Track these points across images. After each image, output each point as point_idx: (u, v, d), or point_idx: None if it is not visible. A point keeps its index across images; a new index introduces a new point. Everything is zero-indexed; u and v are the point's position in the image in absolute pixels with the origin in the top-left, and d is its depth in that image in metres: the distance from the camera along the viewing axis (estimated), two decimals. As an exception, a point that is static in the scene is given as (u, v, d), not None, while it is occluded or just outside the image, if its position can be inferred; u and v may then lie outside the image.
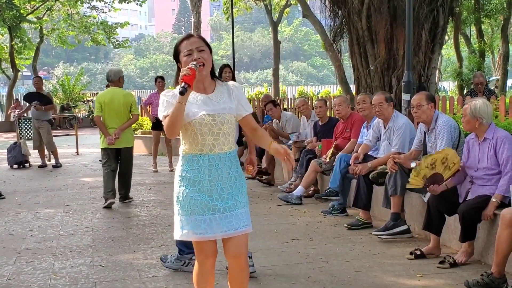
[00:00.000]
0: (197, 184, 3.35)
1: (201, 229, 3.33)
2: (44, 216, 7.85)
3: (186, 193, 3.36)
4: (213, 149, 3.36)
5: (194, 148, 3.37)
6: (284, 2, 26.74)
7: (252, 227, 3.46)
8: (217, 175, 3.36)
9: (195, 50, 3.35)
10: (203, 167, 3.36)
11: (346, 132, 7.97)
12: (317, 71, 78.75)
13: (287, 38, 77.54)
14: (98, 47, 58.50)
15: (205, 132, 3.33)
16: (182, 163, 3.41)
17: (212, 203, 3.35)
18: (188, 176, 3.37)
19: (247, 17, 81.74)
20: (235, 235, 3.37)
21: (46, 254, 5.89)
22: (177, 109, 3.20)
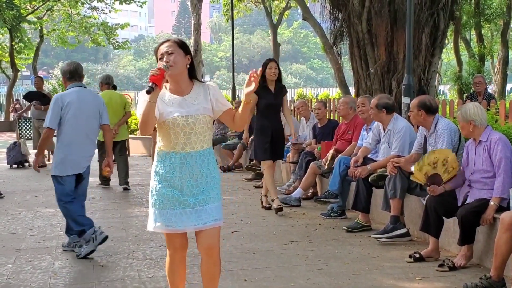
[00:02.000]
0: (169, 180, 3.55)
1: (172, 222, 3.54)
2: (43, 215, 7.86)
3: (159, 188, 3.56)
4: (185, 147, 3.54)
5: (167, 146, 3.56)
6: (284, 4, 26.76)
7: (222, 221, 3.63)
8: (188, 172, 3.54)
9: (165, 54, 3.51)
10: (175, 164, 3.54)
11: (347, 134, 7.97)
12: (316, 73, 78.80)
13: (286, 40, 77.57)
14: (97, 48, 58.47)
15: (177, 131, 3.51)
16: (157, 159, 3.62)
17: (182, 198, 3.53)
18: (161, 172, 3.57)
19: (247, 19, 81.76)
20: (204, 228, 3.55)
21: (45, 254, 5.89)
22: (147, 107, 3.39)
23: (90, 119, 5.88)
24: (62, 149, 5.79)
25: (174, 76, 3.53)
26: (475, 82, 10.72)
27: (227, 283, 4.83)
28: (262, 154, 7.72)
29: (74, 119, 5.74)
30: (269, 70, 7.45)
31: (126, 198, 9.06)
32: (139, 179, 11.06)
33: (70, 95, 5.81)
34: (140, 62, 76.69)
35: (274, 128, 7.64)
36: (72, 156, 5.78)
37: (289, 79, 71.97)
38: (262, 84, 7.39)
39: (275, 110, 7.68)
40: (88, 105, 5.87)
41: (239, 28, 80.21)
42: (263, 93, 7.46)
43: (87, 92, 6.02)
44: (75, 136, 5.78)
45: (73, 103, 5.75)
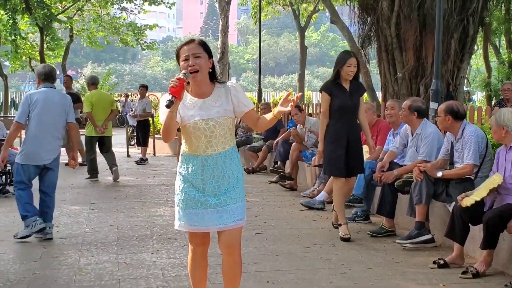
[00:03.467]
0: (191, 181, 3.61)
1: (195, 221, 3.60)
2: (70, 213, 7.96)
3: (182, 188, 3.63)
4: (206, 150, 3.58)
5: (189, 149, 3.63)
6: (312, 7, 26.73)
7: (245, 220, 3.67)
8: (209, 174, 3.58)
9: (191, 56, 3.50)
10: (196, 166, 3.59)
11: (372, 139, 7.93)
12: (343, 77, 78.50)
13: (313, 44, 77.44)
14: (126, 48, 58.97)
15: (198, 135, 3.55)
16: (181, 160, 3.68)
17: (204, 198, 3.57)
18: (184, 173, 3.64)
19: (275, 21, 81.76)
20: (225, 229, 3.58)
21: (71, 250, 5.98)
22: (169, 118, 3.45)
23: (54, 116, 6.54)
24: (26, 141, 6.50)
25: (192, 80, 3.55)
26: (504, 89, 10.61)
27: (249, 284, 4.85)
28: (332, 168, 6.41)
29: (39, 116, 6.43)
30: (347, 68, 6.24)
31: (151, 197, 9.13)
32: (164, 179, 11.15)
33: (38, 94, 6.54)
34: (168, 63, 77.17)
35: (350, 136, 6.32)
36: (34, 149, 6.43)
37: (315, 82, 71.81)
38: (335, 81, 6.33)
39: (351, 113, 6.35)
40: (54, 104, 6.55)
41: (266, 30, 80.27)
42: (336, 92, 6.31)
43: (55, 92, 6.68)
44: (39, 131, 6.44)
45: (40, 101, 6.46)
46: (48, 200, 6.61)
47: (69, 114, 6.67)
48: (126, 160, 14.60)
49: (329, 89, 6.30)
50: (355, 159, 6.39)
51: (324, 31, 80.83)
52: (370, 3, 11.29)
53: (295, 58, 66.36)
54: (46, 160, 6.49)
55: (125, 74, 70.20)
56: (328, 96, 6.31)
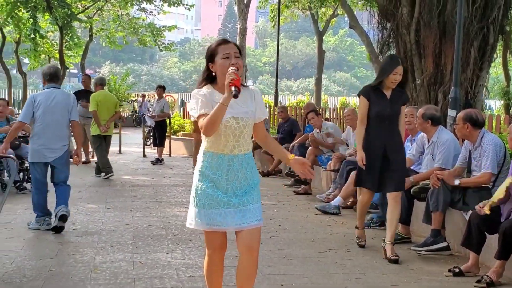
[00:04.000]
0: (214, 181, 3.59)
1: (216, 221, 3.57)
2: (86, 211, 8.02)
3: (204, 188, 3.59)
4: (233, 150, 3.59)
5: (216, 147, 3.59)
6: (331, 12, 26.69)
7: (263, 222, 3.68)
8: (234, 175, 3.59)
9: (233, 55, 3.56)
10: (222, 166, 3.58)
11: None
12: (360, 82, 78.09)
13: (331, 48, 77.27)
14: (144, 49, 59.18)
15: (228, 134, 3.55)
16: (203, 159, 3.64)
17: (226, 198, 3.57)
18: (207, 173, 3.60)
19: (293, 25, 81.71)
20: (248, 228, 3.58)
21: (87, 248, 6.02)
22: (220, 110, 3.41)
23: (58, 116, 6.81)
24: (31, 140, 6.91)
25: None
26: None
27: (264, 287, 4.85)
28: (363, 179, 5.97)
29: (43, 117, 6.74)
30: (392, 76, 5.72)
31: (166, 198, 9.17)
32: (179, 180, 11.19)
33: (42, 95, 6.85)
34: (185, 65, 77.38)
35: (388, 146, 5.78)
36: (38, 147, 6.77)
37: (332, 87, 71.70)
38: (376, 86, 5.86)
39: (390, 121, 5.81)
40: (57, 103, 6.81)
41: (284, 34, 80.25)
42: (375, 98, 5.81)
43: (58, 92, 6.96)
44: (42, 131, 6.76)
45: (43, 102, 6.77)
46: (61, 189, 6.94)
47: (72, 113, 6.93)
48: (142, 160, 14.67)
49: (368, 94, 5.83)
50: (392, 173, 5.78)
51: (342, 36, 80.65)
52: (390, 9, 11.26)
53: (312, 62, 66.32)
54: (50, 158, 6.81)
55: (142, 74, 70.44)
56: (366, 101, 5.83)
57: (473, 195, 5.78)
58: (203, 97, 3.54)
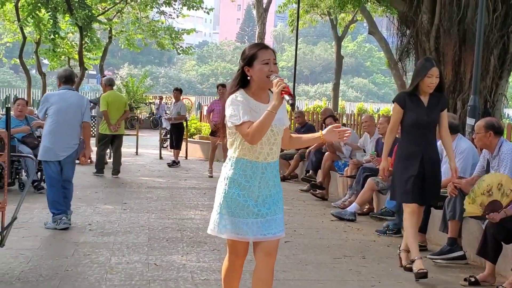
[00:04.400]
0: (247, 189, 3.55)
1: (243, 231, 3.54)
2: (102, 211, 8.07)
3: (235, 196, 3.55)
4: (267, 157, 3.58)
5: (250, 155, 3.56)
6: (350, 17, 26.64)
7: (284, 233, 3.67)
8: (265, 183, 3.58)
9: (272, 61, 3.55)
10: (256, 174, 3.56)
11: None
12: (378, 88, 78.01)
13: (349, 54, 77.11)
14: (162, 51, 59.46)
15: (264, 141, 3.54)
16: (234, 166, 3.58)
17: (256, 208, 3.55)
18: (239, 180, 3.55)
19: (311, 30, 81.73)
20: (273, 238, 3.58)
21: (103, 249, 6.06)
22: (269, 117, 3.40)
23: (70, 116, 6.99)
24: (43, 138, 7.10)
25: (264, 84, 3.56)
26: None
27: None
28: (402, 193, 5.48)
29: (55, 115, 6.94)
30: (427, 79, 5.34)
31: (182, 200, 9.20)
32: (195, 182, 11.22)
33: (56, 96, 7.08)
34: (203, 68, 77.60)
35: (426, 155, 5.41)
36: (50, 145, 6.96)
37: (350, 92, 71.55)
38: (412, 92, 5.48)
39: (428, 129, 5.44)
40: (70, 104, 7.02)
41: (302, 38, 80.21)
42: (411, 105, 5.43)
43: (73, 93, 7.17)
44: (54, 129, 6.95)
45: (57, 102, 6.98)
46: (65, 192, 7.14)
47: (85, 114, 7.14)
48: (159, 162, 14.73)
49: (403, 101, 5.44)
50: (430, 183, 5.43)
51: (360, 42, 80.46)
52: (409, 15, 11.23)
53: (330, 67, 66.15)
54: (61, 157, 7.00)
55: (160, 76, 70.78)
56: (400, 109, 5.44)
57: (490, 205, 5.73)
58: (243, 104, 3.50)
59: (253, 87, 3.58)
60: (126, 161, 14.10)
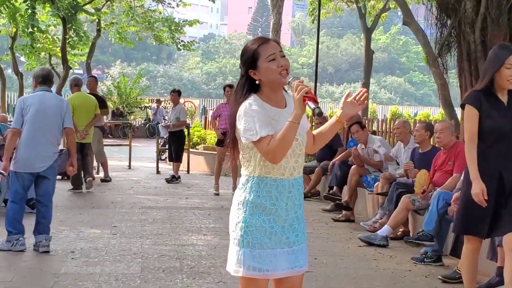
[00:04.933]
0: (273, 213, 3.46)
1: (271, 265, 3.43)
2: (88, 236, 8.09)
3: (259, 223, 3.44)
4: (293, 172, 3.50)
5: (274, 171, 3.46)
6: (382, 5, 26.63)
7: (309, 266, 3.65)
8: (292, 203, 3.51)
9: (278, 55, 3.46)
10: (283, 193, 3.47)
11: (448, 165, 7.85)
12: (416, 88, 77.96)
13: (381, 48, 77.17)
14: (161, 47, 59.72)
15: (289, 153, 3.44)
16: (255, 187, 3.47)
17: (284, 235, 3.47)
18: (264, 204, 3.45)
19: (336, 20, 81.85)
20: (300, 273, 3.54)
21: (88, 281, 6.06)
22: (292, 129, 3.32)
23: (49, 121, 7.14)
24: (19, 147, 7.13)
25: (278, 84, 3.48)
26: None
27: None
28: (468, 222, 5.13)
29: (32, 121, 7.04)
30: (506, 72, 4.91)
31: (182, 223, 9.20)
32: (198, 201, 11.22)
33: (32, 98, 7.22)
34: (208, 65, 77.88)
35: (506, 175, 4.95)
36: (27, 155, 7.05)
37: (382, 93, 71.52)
38: (487, 90, 5.04)
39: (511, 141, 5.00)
40: (49, 108, 7.15)
41: (326, 30, 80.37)
42: (488, 107, 4.99)
43: (51, 95, 7.35)
44: (32, 137, 7.06)
45: (34, 105, 7.09)
46: (43, 210, 7.23)
47: (66, 119, 7.27)
48: (155, 177, 14.77)
49: (478, 102, 4.99)
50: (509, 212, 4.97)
51: (394, 34, 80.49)
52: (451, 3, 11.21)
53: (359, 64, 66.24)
54: (40, 168, 7.11)
55: (158, 76, 71.16)
56: (476, 112, 4.98)
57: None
58: (260, 114, 3.38)
59: (265, 91, 3.49)
60: (117, 177, 14.16)
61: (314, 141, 3.72)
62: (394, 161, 9.73)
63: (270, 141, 3.33)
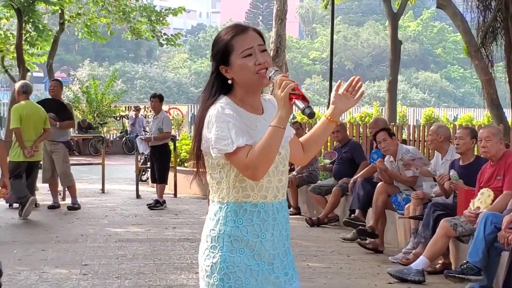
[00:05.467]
0: (258, 247, 3.41)
1: None
2: (52, 278, 8.07)
3: (241, 261, 3.38)
4: (277, 194, 3.46)
5: (254, 194, 3.41)
6: (410, -15, 26.70)
7: None
8: (279, 233, 3.47)
9: (257, 50, 3.40)
10: (267, 221, 3.42)
11: (496, 180, 7.83)
12: (455, 86, 78.10)
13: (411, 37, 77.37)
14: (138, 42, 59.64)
15: (272, 170, 3.39)
16: (232, 217, 3.39)
17: (273, 274, 3.44)
18: (245, 236, 3.39)
19: (354, 4, 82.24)
20: None
21: (53, 333, 6.05)
22: (276, 135, 3.24)
23: None
24: None
25: (254, 86, 3.43)
26: None
27: None
28: None
29: None
30: None
31: (169, 258, 9.19)
32: (188, 232, 11.19)
33: None
34: (198, 63, 78.08)
35: None
36: None
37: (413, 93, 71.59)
38: None
39: None
40: None
41: (342, 17, 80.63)
42: None
43: None
44: None
45: None
46: None
47: None
48: (135, 202, 14.75)
49: None
50: None
51: (427, 19, 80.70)
52: (495, -21, 11.24)
53: (384, 58, 66.32)
54: None
55: (137, 78, 71.29)
56: None
57: None
58: (236, 119, 3.32)
59: (239, 93, 3.44)
60: (88, 203, 14.16)
61: (304, 150, 3.65)
62: (431, 177, 9.71)
63: (249, 153, 3.25)
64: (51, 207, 13.31)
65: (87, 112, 30.66)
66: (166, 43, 28.40)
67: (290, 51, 67.70)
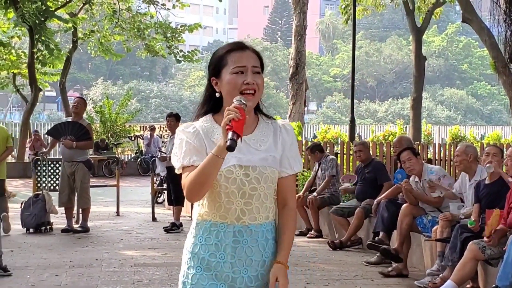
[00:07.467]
0: (214, 268, 3.46)
1: None
2: (66, 304, 8.09)
3: (197, 280, 3.47)
4: (241, 217, 3.47)
5: (214, 214, 3.49)
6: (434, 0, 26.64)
7: None
8: (245, 257, 3.48)
9: (250, 70, 3.46)
10: (225, 243, 3.47)
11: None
12: (482, 103, 77.86)
13: (436, 53, 77.26)
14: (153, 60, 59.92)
15: (232, 191, 3.44)
16: (196, 233, 3.54)
17: None
18: (202, 254, 3.49)
19: (376, 19, 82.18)
20: None
21: None
22: (211, 164, 3.30)
23: None
24: None
25: None
26: None
27: None
28: None
29: None
30: None
31: (153, 285, 9.16)
32: (173, 255, 11.15)
33: None
34: (215, 81, 78.22)
35: None
36: None
37: (438, 110, 71.39)
38: None
39: None
40: None
41: (363, 32, 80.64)
42: None
43: None
44: None
45: None
46: None
47: None
48: (151, 225, 14.74)
49: None
50: None
51: (452, 34, 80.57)
52: (523, -8, 11.24)
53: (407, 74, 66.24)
54: None
55: (152, 96, 71.51)
56: None
57: None
58: (192, 138, 3.44)
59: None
60: (102, 226, 14.18)
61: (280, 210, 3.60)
62: (458, 198, 9.67)
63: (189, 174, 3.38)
64: (65, 230, 13.30)
65: (101, 133, 30.67)
66: (183, 59, 28.35)
67: (310, 68, 67.75)
